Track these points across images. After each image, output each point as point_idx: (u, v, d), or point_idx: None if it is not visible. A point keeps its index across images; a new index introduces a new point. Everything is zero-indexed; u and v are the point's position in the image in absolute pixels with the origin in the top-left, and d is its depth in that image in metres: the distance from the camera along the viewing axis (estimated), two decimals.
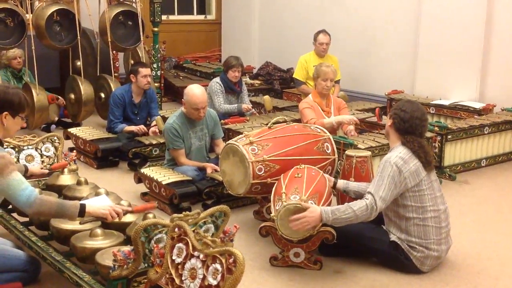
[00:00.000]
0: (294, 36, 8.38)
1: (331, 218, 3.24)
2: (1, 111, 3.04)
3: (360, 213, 3.24)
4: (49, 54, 7.27)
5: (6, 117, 3.05)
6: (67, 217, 3.04)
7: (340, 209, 3.27)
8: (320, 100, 5.05)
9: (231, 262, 2.27)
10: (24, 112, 3.15)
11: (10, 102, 3.05)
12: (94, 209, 3.00)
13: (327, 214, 3.23)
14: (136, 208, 3.17)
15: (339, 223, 3.28)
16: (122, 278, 2.64)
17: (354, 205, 3.28)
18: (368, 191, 3.32)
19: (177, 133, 4.69)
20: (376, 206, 3.26)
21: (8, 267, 3.11)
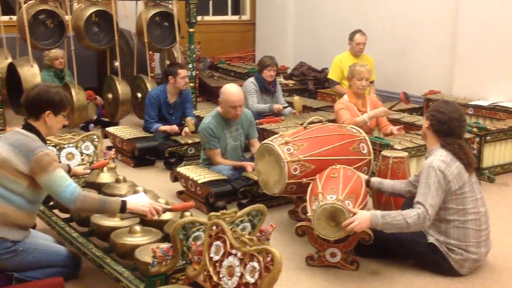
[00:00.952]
0: (328, 36, 8.35)
1: (381, 222, 3.22)
2: (44, 110, 3.13)
3: (412, 222, 3.20)
4: (87, 55, 7.42)
5: (48, 116, 3.14)
6: (109, 213, 3.13)
7: (391, 214, 3.25)
8: (356, 100, 5.03)
9: (269, 261, 2.29)
10: (66, 110, 3.24)
11: (52, 101, 3.15)
12: (134, 206, 3.06)
13: (376, 218, 3.22)
14: (175, 207, 3.21)
15: (389, 229, 3.26)
16: (160, 274, 2.69)
17: (406, 213, 3.24)
18: (417, 200, 3.28)
19: (212, 133, 4.73)
20: (429, 215, 3.22)
21: (50, 263, 3.19)
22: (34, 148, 3.03)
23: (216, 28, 9.48)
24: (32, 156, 3.00)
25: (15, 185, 3.03)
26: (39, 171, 3.00)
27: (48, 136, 3.32)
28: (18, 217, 3.07)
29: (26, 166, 3.00)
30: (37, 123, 3.15)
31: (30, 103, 3.16)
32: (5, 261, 3.05)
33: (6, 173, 3.02)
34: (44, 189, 3.11)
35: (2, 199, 3.03)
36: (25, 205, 3.08)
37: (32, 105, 3.15)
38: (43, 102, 3.13)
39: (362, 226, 3.23)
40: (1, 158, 3.04)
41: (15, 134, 3.14)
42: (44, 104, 3.13)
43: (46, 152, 3.05)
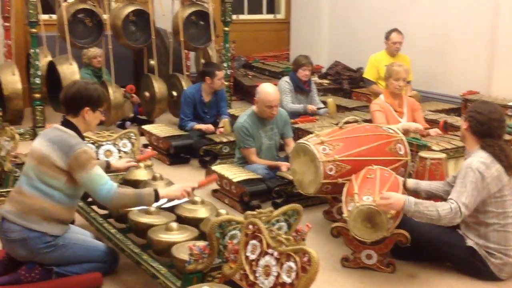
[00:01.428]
0: (364, 35, 8.27)
1: (413, 209, 3.18)
2: (83, 106, 3.19)
3: (443, 215, 3.16)
4: (124, 53, 7.51)
5: (87, 112, 3.20)
6: (145, 205, 3.24)
7: (424, 203, 3.21)
8: (392, 101, 4.97)
9: (306, 261, 2.29)
10: (103, 106, 3.31)
11: (91, 97, 3.21)
12: (166, 192, 3.23)
13: (410, 203, 3.18)
14: (201, 183, 3.43)
15: (419, 218, 3.22)
16: (197, 272, 2.71)
17: (439, 205, 3.21)
18: (450, 197, 3.24)
19: (248, 132, 4.74)
20: (461, 212, 3.17)
21: (88, 258, 3.24)
22: (73, 144, 3.09)
23: (251, 27, 9.49)
24: (71, 152, 3.06)
25: (54, 181, 3.09)
26: (77, 168, 3.06)
27: (86, 132, 3.39)
28: (58, 212, 3.13)
29: (65, 162, 3.07)
30: (75, 119, 3.21)
31: (69, 100, 3.22)
32: (46, 256, 3.11)
33: (45, 168, 3.09)
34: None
35: (42, 194, 3.09)
36: (64, 200, 3.14)
37: (71, 101, 3.21)
38: (82, 99, 3.19)
39: (394, 206, 3.19)
40: (41, 154, 3.11)
41: (54, 130, 3.21)
42: (83, 100, 3.19)
43: (84, 150, 3.10)
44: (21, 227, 3.07)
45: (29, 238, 3.06)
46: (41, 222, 3.09)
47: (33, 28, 6.00)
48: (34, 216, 3.08)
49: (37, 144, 3.19)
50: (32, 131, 6.16)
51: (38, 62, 6.11)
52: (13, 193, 3.22)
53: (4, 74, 6.27)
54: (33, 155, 3.17)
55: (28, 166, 3.18)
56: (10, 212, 3.12)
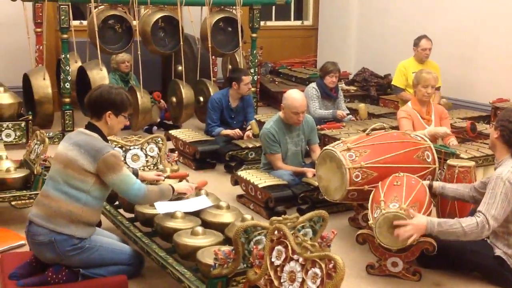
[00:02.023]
0: (392, 42, 8.22)
1: (436, 230, 3.15)
2: (105, 110, 3.23)
3: (469, 230, 3.12)
4: (152, 59, 7.60)
5: (109, 116, 3.24)
6: (166, 199, 3.44)
7: (448, 222, 3.17)
8: (420, 108, 4.92)
9: (331, 267, 2.28)
10: (127, 111, 3.32)
11: (114, 101, 3.24)
12: (179, 187, 3.54)
13: (432, 225, 3.15)
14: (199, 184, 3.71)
15: (444, 236, 3.18)
16: (222, 276, 2.72)
17: (464, 221, 3.17)
18: (479, 209, 3.19)
19: (274, 138, 4.74)
20: (489, 225, 3.13)
21: (114, 261, 3.27)
22: (100, 148, 3.12)
23: (278, 33, 9.50)
24: (99, 156, 3.10)
25: (81, 184, 3.12)
26: (106, 171, 3.11)
27: (110, 135, 3.42)
28: (84, 214, 3.16)
29: (93, 165, 3.10)
30: (99, 123, 3.25)
31: (92, 103, 3.26)
32: (72, 258, 3.15)
33: (72, 172, 3.12)
34: (109, 187, 3.22)
35: (69, 197, 3.12)
36: (91, 202, 3.17)
37: (94, 105, 3.25)
38: (104, 103, 3.23)
39: (415, 229, 3.15)
40: (67, 157, 3.14)
41: (79, 134, 3.25)
42: (105, 104, 3.23)
43: (112, 153, 3.15)
44: (48, 230, 3.11)
45: (56, 241, 3.10)
46: (68, 225, 3.12)
47: (64, 33, 6.12)
48: (60, 219, 3.11)
49: (62, 148, 3.22)
50: (62, 135, 6.26)
51: (68, 67, 6.23)
52: (40, 197, 3.26)
53: (35, 79, 6.39)
54: (58, 159, 3.20)
55: (54, 170, 3.21)
56: (37, 215, 3.16)
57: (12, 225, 4.06)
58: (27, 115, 6.09)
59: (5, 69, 7.26)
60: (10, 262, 3.31)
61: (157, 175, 3.86)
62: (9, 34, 7.30)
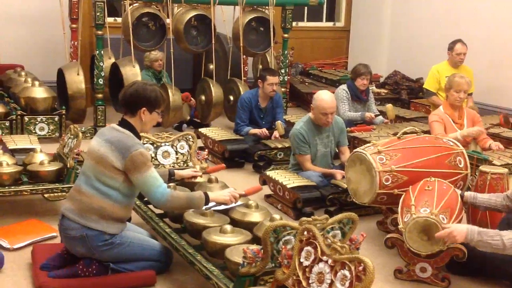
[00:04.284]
0: (424, 45, 8.13)
1: (476, 239, 3.07)
2: (140, 106, 3.24)
3: (509, 245, 3.03)
4: (185, 57, 7.66)
5: (144, 113, 3.25)
6: (196, 208, 3.33)
7: (488, 232, 3.10)
8: (452, 112, 4.86)
9: (361, 270, 2.27)
10: (160, 107, 3.34)
11: (148, 98, 3.25)
12: (216, 196, 3.32)
13: (473, 233, 3.07)
14: (247, 191, 3.52)
15: (483, 247, 3.11)
16: (250, 275, 2.73)
17: (505, 234, 3.07)
18: None
19: (303, 139, 4.74)
20: None
21: (144, 256, 3.31)
22: (130, 146, 3.14)
23: (309, 34, 9.48)
24: (127, 154, 3.12)
25: (111, 180, 3.16)
26: (132, 170, 3.12)
27: (142, 132, 3.43)
28: (115, 211, 3.19)
29: (121, 162, 3.12)
30: (132, 119, 3.27)
31: (127, 100, 3.27)
32: (103, 253, 3.19)
33: (103, 168, 3.15)
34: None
35: (100, 194, 3.16)
36: (121, 199, 3.20)
37: (129, 101, 3.27)
38: (139, 99, 3.24)
39: (456, 238, 3.10)
40: (99, 154, 3.18)
41: (112, 130, 3.27)
42: (140, 101, 3.24)
43: (140, 152, 3.15)
44: (80, 225, 3.15)
45: (87, 236, 3.14)
46: (99, 220, 3.16)
47: (99, 30, 6.21)
48: (92, 214, 3.16)
49: (95, 144, 3.26)
50: (94, 129, 6.36)
51: (102, 63, 6.31)
52: (73, 191, 3.31)
53: (69, 74, 6.50)
54: (91, 155, 3.24)
55: (87, 166, 3.26)
56: (69, 210, 3.21)
57: (45, 216, 4.14)
58: (61, 109, 6.20)
59: (40, 64, 7.41)
60: (41, 253, 3.39)
61: (194, 171, 3.84)
62: (45, 29, 7.46)
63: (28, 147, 4.64)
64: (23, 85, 6.37)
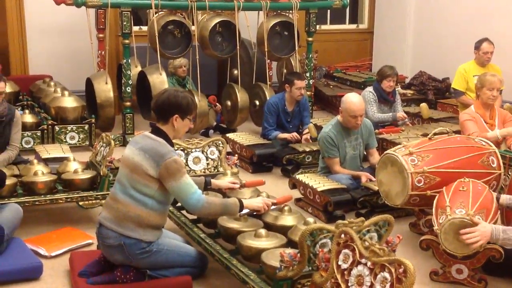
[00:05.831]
0: (450, 45, 8.05)
1: (501, 237, 3.08)
2: (172, 113, 3.26)
3: None
4: (209, 63, 7.71)
5: (176, 120, 3.27)
6: (230, 214, 3.36)
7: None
8: (484, 112, 4.81)
9: (401, 272, 2.27)
10: (192, 114, 3.36)
11: (180, 105, 3.27)
12: (250, 203, 3.40)
13: (498, 232, 3.08)
14: (278, 200, 3.58)
15: (509, 245, 3.11)
16: (287, 279, 2.74)
17: None
18: None
19: (332, 141, 4.74)
20: None
21: (180, 263, 3.33)
22: (164, 154, 3.17)
23: (333, 37, 9.47)
24: (162, 162, 3.14)
25: (146, 188, 3.18)
26: (167, 177, 3.15)
27: (175, 139, 3.44)
28: (151, 218, 3.22)
29: (156, 170, 3.15)
30: (165, 126, 3.29)
31: (159, 107, 3.29)
32: (141, 261, 3.22)
33: (138, 177, 3.18)
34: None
35: (136, 202, 3.19)
36: (156, 206, 3.23)
37: (161, 109, 3.29)
38: (171, 106, 3.26)
39: (481, 237, 3.09)
40: (133, 162, 3.21)
41: (145, 138, 3.29)
42: (172, 108, 3.26)
43: (174, 159, 3.17)
44: (117, 233, 3.18)
45: (125, 244, 3.17)
46: (136, 229, 3.19)
47: (126, 39, 6.29)
48: (129, 223, 3.19)
49: (128, 152, 3.29)
50: (122, 137, 6.44)
51: (129, 71, 6.39)
52: (109, 199, 3.34)
53: (97, 83, 6.59)
54: (125, 163, 3.28)
55: (121, 174, 3.29)
56: (106, 218, 3.25)
57: (80, 224, 4.20)
58: (90, 118, 6.29)
59: (69, 74, 7.54)
60: (79, 260, 3.44)
61: (232, 183, 3.80)
62: (73, 40, 7.59)
63: (61, 156, 4.71)
64: (52, 95, 6.49)
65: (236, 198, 3.40)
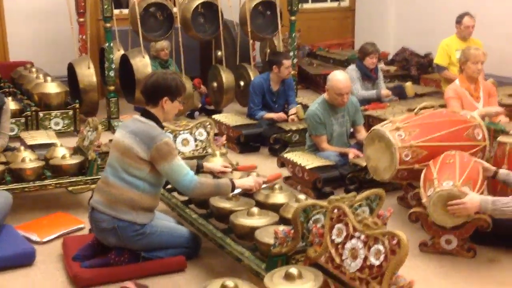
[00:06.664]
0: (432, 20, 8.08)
1: (490, 208, 3.14)
2: (161, 96, 3.27)
3: None
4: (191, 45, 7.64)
5: (166, 102, 3.28)
6: (222, 194, 3.38)
7: (502, 200, 3.16)
8: (468, 85, 4.86)
9: (394, 244, 2.31)
10: (181, 96, 3.36)
11: (169, 87, 3.28)
12: (241, 183, 3.38)
13: (486, 203, 3.14)
14: (269, 178, 3.61)
15: (498, 215, 3.17)
16: (282, 255, 2.78)
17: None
18: None
19: (319, 119, 4.76)
20: None
21: (174, 244, 3.36)
22: (154, 136, 3.18)
23: (314, 16, 9.44)
24: (153, 144, 3.15)
25: (138, 171, 3.20)
26: (158, 159, 3.16)
27: (165, 121, 3.45)
28: (143, 201, 3.24)
29: (147, 153, 3.16)
30: (155, 109, 3.29)
31: (148, 90, 3.30)
32: (135, 243, 3.25)
33: (129, 160, 3.20)
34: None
35: (128, 185, 3.20)
36: (148, 189, 3.25)
37: (151, 92, 3.29)
38: (160, 89, 3.26)
39: (468, 208, 3.16)
40: (124, 145, 3.22)
41: (135, 121, 3.30)
42: (161, 90, 3.26)
43: (165, 141, 3.18)
44: (111, 217, 3.20)
45: (118, 227, 3.19)
46: (129, 211, 3.21)
47: (107, 22, 6.21)
48: (122, 206, 3.20)
49: (119, 135, 3.29)
50: (107, 122, 6.40)
51: (112, 55, 6.33)
52: (100, 183, 3.35)
53: (80, 68, 6.53)
54: (116, 146, 3.29)
55: (113, 158, 3.30)
56: (98, 202, 3.26)
57: (70, 209, 4.19)
58: (74, 104, 6.24)
59: (50, 59, 7.43)
60: (72, 245, 3.45)
61: (224, 167, 3.79)
62: (53, 25, 7.47)
63: (47, 142, 4.68)
64: (35, 81, 6.41)
65: (228, 178, 3.41)
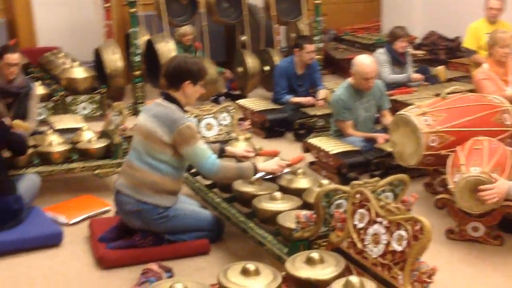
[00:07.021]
0: (460, 3, 7.92)
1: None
2: (183, 80, 3.27)
3: None
4: (216, 30, 7.64)
5: (188, 86, 3.28)
6: (245, 178, 3.38)
7: None
8: (497, 69, 4.75)
9: (417, 230, 2.29)
10: (203, 79, 3.35)
11: (191, 70, 3.28)
12: (264, 166, 3.37)
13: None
14: (292, 161, 3.59)
15: None
16: (304, 239, 2.78)
17: None
18: None
19: (344, 104, 4.71)
20: None
21: (197, 227, 3.39)
22: (176, 119, 3.19)
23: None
24: (175, 127, 3.17)
25: (161, 155, 3.22)
26: (181, 143, 3.18)
27: (187, 105, 3.44)
28: (166, 184, 3.27)
29: (169, 136, 3.18)
30: (177, 93, 3.30)
31: (170, 74, 3.30)
32: (159, 226, 3.28)
33: (152, 143, 3.22)
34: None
35: (151, 168, 3.23)
36: (172, 172, 3.27)
37: (172, 75, 3.29)
38: (182, 72, 3.27)
39: (499, 193, 3.10)
40: (147, 129, 3.24)
41: (157, 105, 3.31)
42: (183, 74, 3.26)
43: (188, 125, 3.20)
44: (135, 200, 3.24)
45: (143, 210, 3.23)
46: (153, 195, 3.24)
47: (132, 8, 6.22)
48: (146, 189, 3.23)
49: (142, 119, 3.32)
50: (133, 107, 6.44)
51: (137, 41, 6.36)
52: (125, 166, 3.39)
53: (106, 53, 6.58)
54: (139, 130, 3.31)
55: (136, 141, 3.32)
56: (123, 185, 3.30)
57: (97, 192, 4.25)
58: (101, 88, 6.29)
59: (77, 45, 7.49)
60: (98, 227, 3.51)
61: (247, 151, 3.74)
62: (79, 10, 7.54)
63: (74, 126, 4.74)
64: (62, 67, 6.49)
65: (251, 162, 3.41)
